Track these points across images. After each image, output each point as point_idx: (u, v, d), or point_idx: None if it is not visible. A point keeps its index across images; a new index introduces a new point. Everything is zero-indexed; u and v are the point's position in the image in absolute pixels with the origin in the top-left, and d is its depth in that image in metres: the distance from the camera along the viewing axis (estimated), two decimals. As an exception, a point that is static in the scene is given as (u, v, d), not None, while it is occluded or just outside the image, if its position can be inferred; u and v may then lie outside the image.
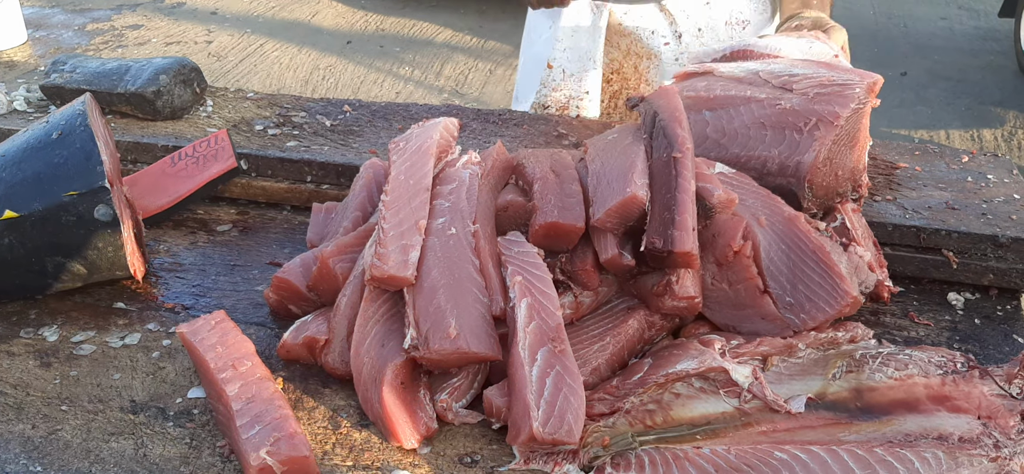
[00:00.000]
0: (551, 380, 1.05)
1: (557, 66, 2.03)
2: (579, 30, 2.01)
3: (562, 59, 2.03)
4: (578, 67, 2.03)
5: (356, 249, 1.27)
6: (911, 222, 1.43)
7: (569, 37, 2.02)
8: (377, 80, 6.52)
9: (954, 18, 8.02)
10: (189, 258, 1.48)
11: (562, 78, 2.03)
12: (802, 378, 1.16)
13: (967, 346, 1.29)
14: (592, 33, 2.01)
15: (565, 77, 2.03)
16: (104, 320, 1.31)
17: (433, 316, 1.09)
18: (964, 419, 1.09)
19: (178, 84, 1.81)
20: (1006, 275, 1.40)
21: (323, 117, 1.83)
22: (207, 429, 1.11)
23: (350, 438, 1.09)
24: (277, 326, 1.30)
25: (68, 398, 1.16)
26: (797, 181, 1.34)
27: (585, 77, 2.02)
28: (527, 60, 2.19)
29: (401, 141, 1.33)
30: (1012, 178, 1.59)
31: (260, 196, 1.66)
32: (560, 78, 2.03)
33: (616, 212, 1.19)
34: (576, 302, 1.22)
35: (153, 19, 7.78)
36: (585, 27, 2.01)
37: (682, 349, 1.17)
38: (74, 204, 1.28)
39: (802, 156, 1.33)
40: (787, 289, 1.21)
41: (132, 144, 1.70)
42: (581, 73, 2.03)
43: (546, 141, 1.74)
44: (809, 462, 1.02)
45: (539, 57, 2.10)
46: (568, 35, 2.02)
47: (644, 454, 1.04)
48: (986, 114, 6.04)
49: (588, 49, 2.01)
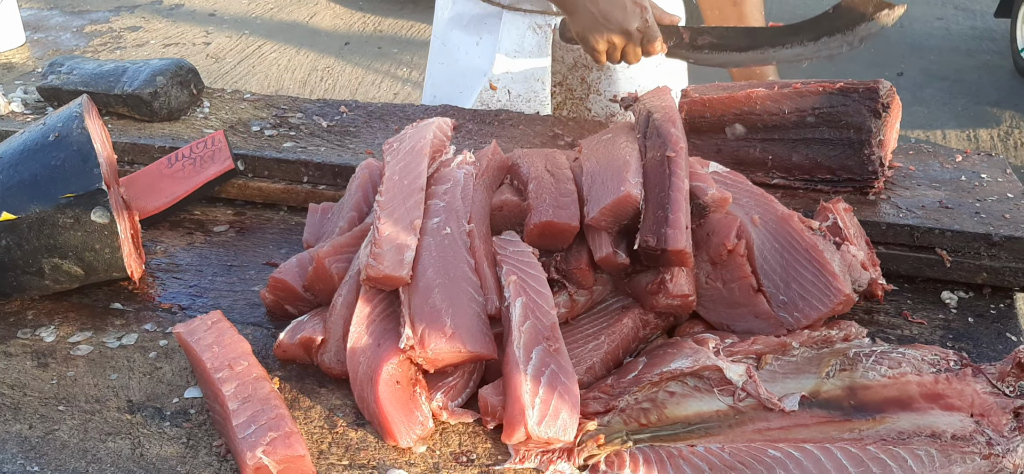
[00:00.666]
0: (546, 379, 1.05)
1: (501, 87, 1.99)
2: (523, 51, 1.97)
3: (506, 80, 1.98)
4: (525, 87, 1.99)
5: (352, 249, 1.27)
6: (905, 221, 1.44)
7: (511, 60, 1.97)
8: (375, 81, 6.52)
9: (950, 18, 8.03)
10: (186, 259, 1.49)
11: (508, 99, 2.00)
12: (796, 376, 1.16)
13: (961, 344, 1.30)
14: (538, 54, 1.97)
15: (511, 97, 2.00)
16: (101, 321, 1.32)
17: (428, 315, 1.09)
18: (957, 417, 1.10)
19: (175, 86, 1.82)
20: (999, 274, 1.40)
21: (320, 118, 1.83)
22: (204, 429, 1.11)
23: (346, 437, 1.10)
24: (273, 326, 1.31)
25: (65, 398, 1.16)
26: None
27: (533, 98, 1.99)
28: (451, 72, 2.11)
29: (395, 141, 1.33)
30: (1006, 177, 1.60)
31: (257, 197, 1.66)
32: (506, 99, 2.00)
33: (610, 211, 1.19)
34: (571, 301, 1.23)
35: (151, 21, 7.78)
36: (530, 49, 1.97)
37: (676, 348, 1.17)
38: (71, 206, 1.28)
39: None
40: (780, 287, 1.22)
41: (129, 145, 1.70)
42: (529, 94, 1.99)
43: (541, 141, 1.75)
44: (803, 460, 1.02)
45: (468, 71, 2.05)
46: (510, 57, 1.97)
47: (639, 452, 1.05)
48: (982, 114, 6.05)
49: (534, 71, 1.98)
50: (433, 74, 2.19)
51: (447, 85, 2.10)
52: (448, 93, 2.08)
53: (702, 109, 1.59)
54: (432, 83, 2.18)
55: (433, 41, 2.20)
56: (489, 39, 2.02)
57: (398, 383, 1.09)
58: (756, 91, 1.54)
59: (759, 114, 1.55)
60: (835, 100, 1.50)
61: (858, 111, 1.49)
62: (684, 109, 1.58)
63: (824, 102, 1.51)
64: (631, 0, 1.68)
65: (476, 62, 2.04)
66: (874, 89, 1.49)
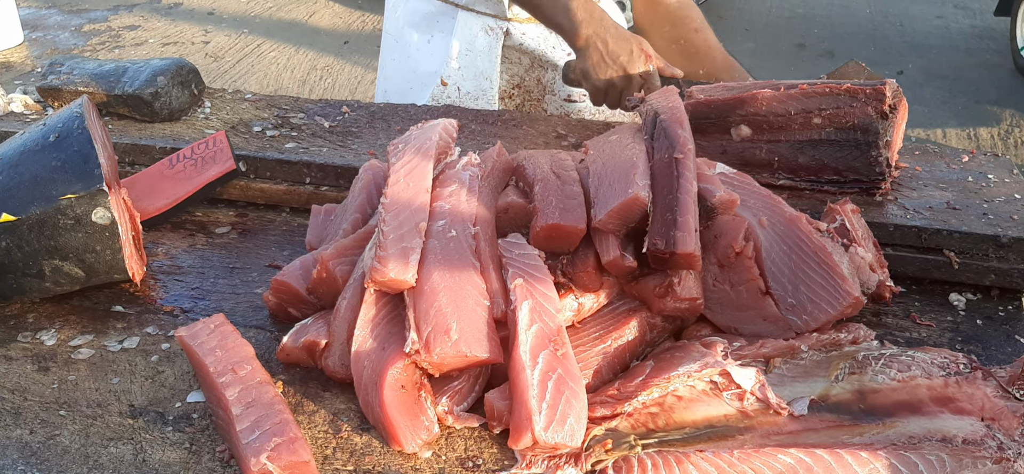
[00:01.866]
0: (553, 383, 1.04)
1: (452, 83, 2.06)
2: (474, 51, 2.04)
3: (457, 77, 2.05)
4: (474, 86, 2.06)
5: (356, 252, 1.26)
6: (912, 222, 1.43)
7: (464, 57, 2.04)
8: (374, 80, 6.49)
9: (950, 17, 8.03)
10: (188, 261, 1.47)
11: (458, 96, 2.07)
12: (805, 380, 1.15)
13: (969, 347, 1.29)
14: (488, 55, 2.04)
15: (461, 95, 2.07)
16: (102, 324, 1.31)
17: (434, 319, 1.08)
18: (968, 421, 1.09)
19: (176, 86, 1.80)
20: (1008, 275, 1.39)
21: (321, 118, 1.82)
22: (207, 434, 1.10)
23: (351, 442, 1.09)
24: (277, 329, 1.29)
25: (66, 403, 1.15)
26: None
27: (481, 96, 2.06)
28: (403, 69, 2.17)
29: (400, 143, 1.32)
30: (1012, 178, 1.59)
31: (259, 198, 1.65)
32: (455, 95, 2.07)
33: (618, 213, 1.18)
34: (577, 304, 1.21)
35: (150, 20, 7.77)
36: (480, 49, 2.04)
37: (684, 351, 1.16)
38: (72, 207, 1.27)
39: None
40: (789, 290, 1.21)
41: (130, 146, 1.69)
42: (478, 92, 2.06)
43: (545, 142, 1.74)
44: (813, 465, 1.01)
45: (420, 69, 2.11)
46: (462, 54, 2.04)
47: (646, 457, 1.04)
48: (982, 113, 6.04)
49: (484, 69, 2.04)
50: (385, 69, 2.24)
51: (400, 81, 2.17)
52: (400, 89, 2.14)
53: (707, 110, 1.57)
54: (384, 78, 2.24)
55: (385, 38, 2.25)
56: (441, 37, 2.08)
57: (403, 387, 1.08)
58: (762, 92, 1.53)
59: (764, 115, 1.54)
60: (841, 101, 1.49)
61: (865, 112, 1.48)
62: (688, 110, 1.57)
63: (830, 103, 1.50)
64: (638, 47, 1.75)
65: (428, 60, 2.09)
66: (881, 90, 1.47)
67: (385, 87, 2.22)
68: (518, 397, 1.04)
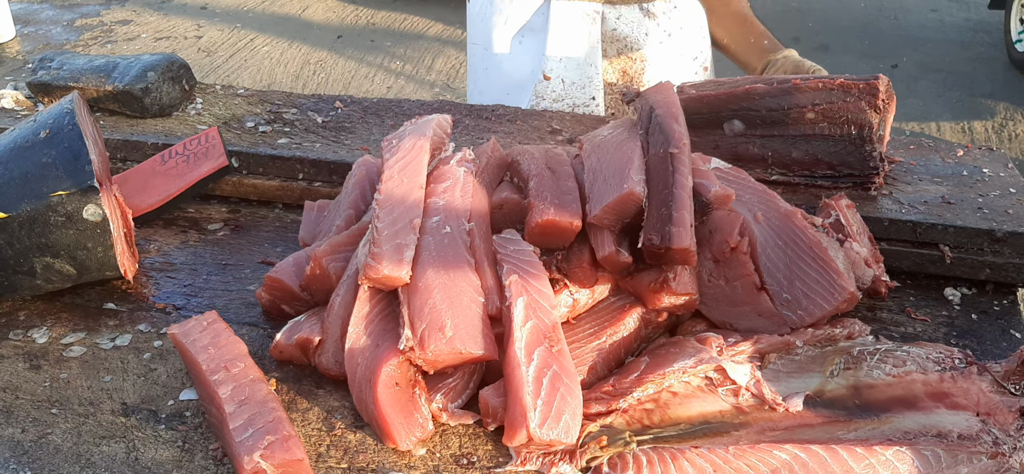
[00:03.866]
0: (548, 380, 1.04)
1: (555, 76, 2.02)
2: (572, 40, 2.01)
3: (559, 69, 2.02)
4: (579, 74, 2.02)
5: (350, 248, 1.25)
6: (907, 217, 1.43)
7: (562, 48, 2.01)
8: (368, 75, 6.49)
9: (944, 10, 8.03)
10: (180, 257, 1.47)
11: (563, 87, 2.03)
12: (800, 376, 1.15)
13: (964, 342, 1.29)
14: (589, 40, 2.01)
15: (565, 86, 2.03)
16: (94, 321, 1.30)
17: (428, 316, 1.08)
18: (963, 416, 1.08)
19: (167, 81, 1.79)
20: (1002, 270, 1.39)
21: (314, 114, 1.81)
22: (199, 432, 1.10)
23: (345, 440, 1.08)
24: (270, 326, 1.29)
25: (58, 401, 1.14)
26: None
27: (589, 84, 2.03)
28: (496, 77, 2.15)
29: (394, 138, 1.31)
30: (1007, 172, 1.59)
31: (251, 194, 1.64)
32: (560, 88, 2.03)
33: (613, 209, 1.18)
34: (572, 300, 1.21)
35: (142, 14, 7.74)
36: (580, 36, 2.01)
37: (679, 347, 1.16)
38: (63, 204, 1.26)
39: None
40: (784, 285, 1.20)
41: (121, 142, 1.68)
42: (584, 81, 2.03)
43: (540, 137, 1.73)
44: (808, 461, 1.01)
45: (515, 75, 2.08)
46: (561, 46, 2.01)
47: (641, 454, 1.03)
48: (977, 106, 6.05)
49: (587, 56, 2.01)
50: (477, 82, 2.20)
51: (495, 91, 2.13)
52: (497, 98, 2.10)
53: (699, 105, 1.57)
54: (478, 92, 2.20)
55: (472, 49, 2.21)
56: (532, 38, 2.05)
57: (397, 384, 1.07)
58: (755, 87, 1.53)
59: (758, 110, 1.54)
60: (835, 96, 1.49)
61: (858, 107, 1.48)
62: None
63: (823, 98, 1.49)
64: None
65: (522, 64, 2.06)
66: (874, 85, 1.47)
67: (479, 99, 2.18)
68: (513, 394, 1.04)
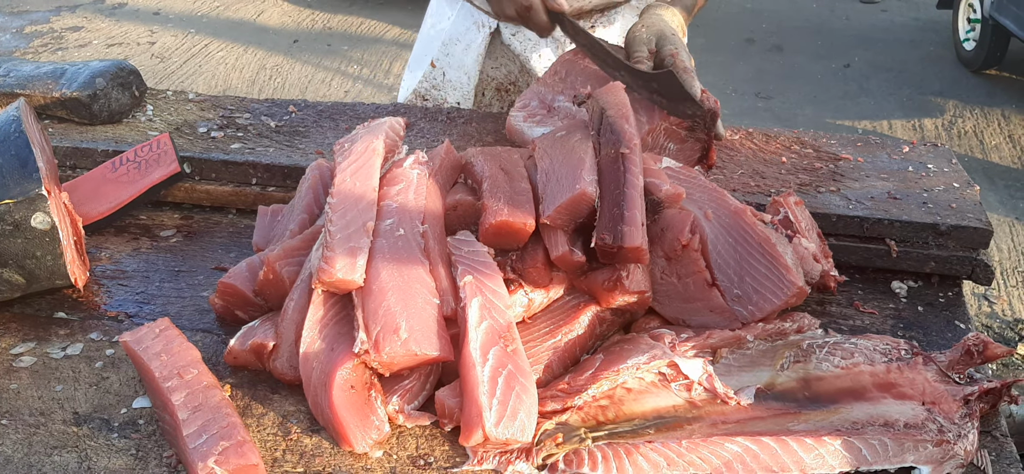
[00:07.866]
0: (503, 379, 1.04)
1: (439, 67, 2.08)
2: (461, 41, 2.05)
3: (444, 62, 2.07)
4: (456, 75, 2.07)
5: (303, 252, 1.25)
6: (854, 213, 1.46)
7: (453, 44, 2.06)
8: (325, 79, 6.46)
9: (894, 10, 8.19)
10: (132, 265, 1.45)
11: (442, 80, 2.09)
12: (751, 369, 1.17)
13: (911, 333, 1.32)
14: (470, 49, 2.05)
15: (444, 80, 2.09)
16: (45, 331, 1.28)
17: (383, 319, 1.08)
18: (909, 405, 1.11)
19: (115, 87, 1.77)
20: (947, 263, 1.43)
21: (268, 118, 1.80)
22: (153, 439, 1.09)
23: (300, 444, 1.08)
24: (224, 332, 1.28)
25: (8, 412, 1.12)
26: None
27: (459, 88, 2.08)
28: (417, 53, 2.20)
29: (346, 142, 1.31)
30: (951, 167, 1.62)
31: (204, 200, 1.63)
32: (441, 79, 2.09)
33: (566, 209, 1.19)
34: (527, 300, 1.22)
35: (94, 20, 7.62)
36: (467, 41, 2.05)
37: (633, 344, 1.17)
38: (10, 212, 1.24)
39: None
40: (734, 281, 1.22)
41: (71, 149, 1.66)
42: (458, 82, 2.08)
43: (495, 139, 1.74)
44: (760, 453, 1.03)
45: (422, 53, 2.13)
46: (453, 42, 2.06)
47: (597, 450, 1.05)
48: (927, 104, 6.17)
49: (464, 62, 2.05)
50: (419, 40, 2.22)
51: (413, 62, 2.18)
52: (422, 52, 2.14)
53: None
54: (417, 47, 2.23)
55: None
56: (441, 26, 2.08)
57: (353, 388, 1.07)
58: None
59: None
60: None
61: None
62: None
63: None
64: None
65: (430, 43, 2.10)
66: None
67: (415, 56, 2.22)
68: (469, 394, 1.04)
